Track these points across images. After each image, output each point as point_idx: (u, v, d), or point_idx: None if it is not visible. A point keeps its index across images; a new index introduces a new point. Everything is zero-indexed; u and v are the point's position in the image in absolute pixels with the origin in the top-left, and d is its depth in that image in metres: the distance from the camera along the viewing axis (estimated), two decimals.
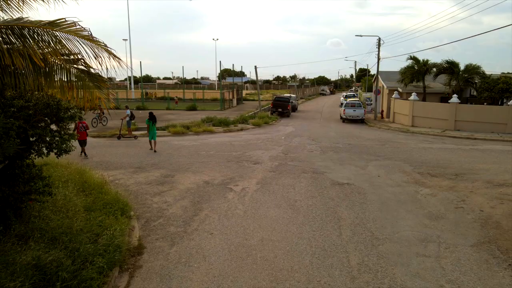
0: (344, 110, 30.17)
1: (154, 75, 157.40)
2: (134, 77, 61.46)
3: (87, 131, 14.95)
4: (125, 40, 61.64)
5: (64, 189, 8.18)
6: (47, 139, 6.70)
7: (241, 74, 76.48)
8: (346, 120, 30.24)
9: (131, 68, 64.10)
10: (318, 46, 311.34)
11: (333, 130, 25.38)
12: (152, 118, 16.63)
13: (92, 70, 6.75)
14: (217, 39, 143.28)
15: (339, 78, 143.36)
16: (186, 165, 13.37)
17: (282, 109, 33.74)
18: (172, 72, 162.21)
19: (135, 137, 20.08)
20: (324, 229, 7.65)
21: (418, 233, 7.49)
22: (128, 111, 20.61)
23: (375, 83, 43.03)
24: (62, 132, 6.97)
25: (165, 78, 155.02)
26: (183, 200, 9.52)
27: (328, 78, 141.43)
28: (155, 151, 16.21)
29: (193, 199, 9.59)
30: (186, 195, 9.93)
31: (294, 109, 38.56)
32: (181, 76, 65.60)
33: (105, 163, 13.58)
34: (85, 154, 14.74)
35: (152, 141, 16.49)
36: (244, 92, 63.35)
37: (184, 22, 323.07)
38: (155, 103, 46.15)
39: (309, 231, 7.53)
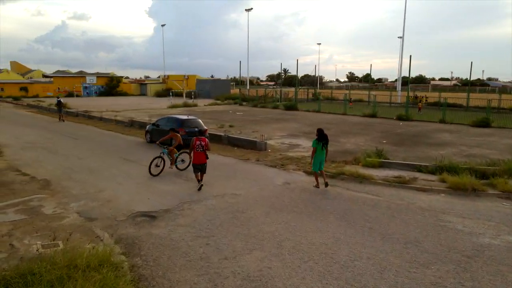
0: None
1: (429, 75, 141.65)
2: (405, 77, 51.95)
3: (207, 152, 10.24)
4: (400, 37, 54.01)
5: None
6: None
7: None
8: None
9: (400, 67, 54.81)
10: None
11: None
12: (321, 138, 10.38)
13: None
14: None
15: None
16: None
17: None
18: (452, 72, 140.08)
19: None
20: None
21: None
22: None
23: None
24: None
25: (441, 79, 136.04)
26: None
27: None
28: (326, 184, 10.33)
29: None
30: None
31: None
32: (463, 76, 50.10)
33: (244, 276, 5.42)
34: (201, 186, 10.01)
35: (320, 172, 10.48)
36: None
37: (473, 15, 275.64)
38: (425, 111, 34.48)
39: None
